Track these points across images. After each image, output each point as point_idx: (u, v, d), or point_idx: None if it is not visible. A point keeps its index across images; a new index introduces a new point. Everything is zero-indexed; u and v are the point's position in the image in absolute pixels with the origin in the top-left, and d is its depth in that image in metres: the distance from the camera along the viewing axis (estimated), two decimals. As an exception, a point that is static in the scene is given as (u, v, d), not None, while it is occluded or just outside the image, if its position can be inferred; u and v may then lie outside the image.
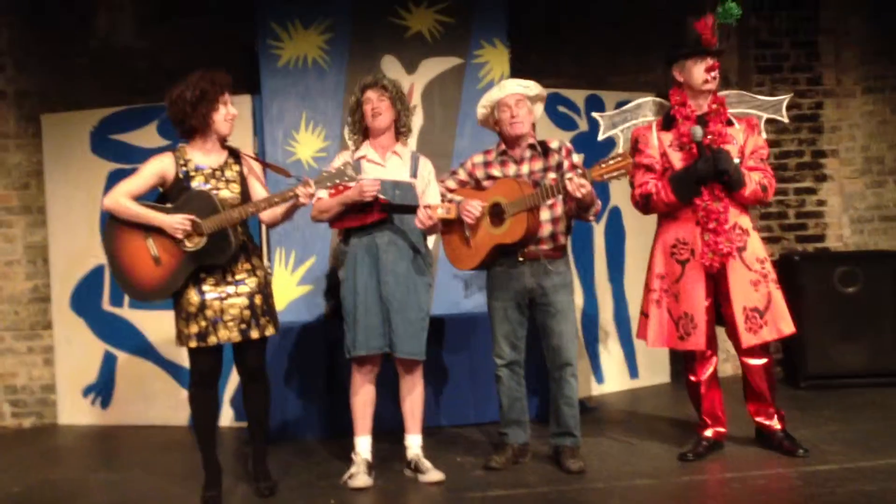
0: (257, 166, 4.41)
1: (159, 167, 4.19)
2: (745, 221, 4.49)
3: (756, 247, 4.49)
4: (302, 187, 4.08)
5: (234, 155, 4.31)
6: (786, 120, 4.83)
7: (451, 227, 4.58)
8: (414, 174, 4.54)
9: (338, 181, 4.10)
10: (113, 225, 4.17)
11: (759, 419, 4.65)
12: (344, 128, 4.77)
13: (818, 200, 6.74)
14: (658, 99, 4.90)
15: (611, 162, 4.08)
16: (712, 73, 4.44)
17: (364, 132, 4.56)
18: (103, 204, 4.18)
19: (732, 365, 6.72)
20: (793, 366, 6.34)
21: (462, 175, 4.67)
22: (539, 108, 4.66)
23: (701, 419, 4.70)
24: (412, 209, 4.38)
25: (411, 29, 6.01)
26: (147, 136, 6.05)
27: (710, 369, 4.66)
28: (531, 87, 4.56)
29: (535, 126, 4.69)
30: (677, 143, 4.48)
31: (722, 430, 4.69)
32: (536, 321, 4.59)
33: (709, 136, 4.40)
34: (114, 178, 6.07)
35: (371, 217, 4.36)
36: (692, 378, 4.68)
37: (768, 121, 4.77)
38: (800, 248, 6.68)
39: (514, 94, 4.53)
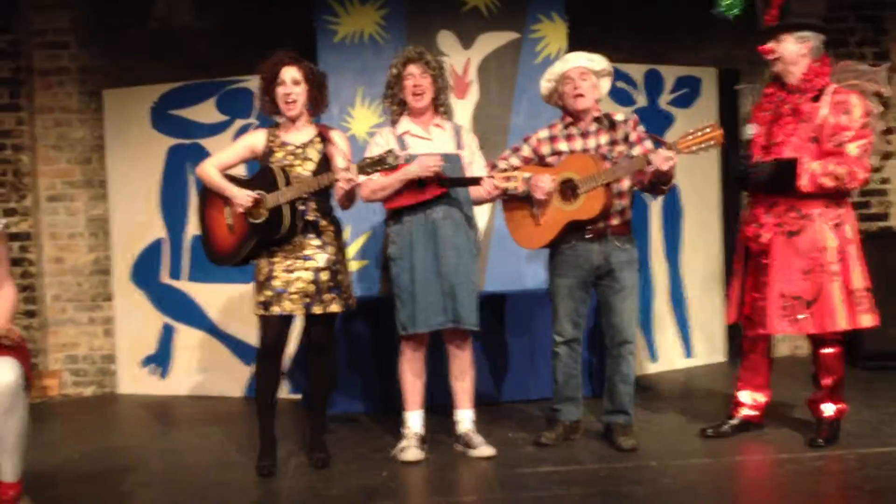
0: (345, 147, 4.42)
1: (250, 141, 4.45)
2: (809, 206, 4.23)
3: (818, 235, 4.24)
4: (344, 171, 4.13)
5: (322, 134, 4.38)
6: (887, 92, 4.37)
7: (515, 203, 4.52)
8: (459, 146, 4.49)
9: (378, 168, 4.09)
10: (206, 192, 4.46)
11: (807, 403, 4.55)
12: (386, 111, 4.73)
13: (882, 178, 6.58)
14: None
15: (698, 133, 4.01)
16: (765, 55, 4.34)
17: (402, 105, 4.49)
18: (196, 171, 4.48)
19: (790, 346, 6.64)
20: (852, 346, 6.21)
21: (526, 151, 4.58)
22: (606, 84, 4.56)
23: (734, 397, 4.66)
24: (474, 181, 4.35)
25: (468, 3, 5.96)
26: (206, 111, 6.13)
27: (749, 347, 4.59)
28: (596, 61, 4.48)
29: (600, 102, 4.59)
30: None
31: (752, 413, 4.60)
32: (599, 298, 4.55)
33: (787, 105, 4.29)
34: (173, 153, 6.19)
35: (430, 193, 4.32)
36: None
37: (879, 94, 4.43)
38: (863, 227, 6.52)
39: (577, 68, 4.45)
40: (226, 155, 4.46)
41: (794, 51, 4.29)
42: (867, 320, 4.28)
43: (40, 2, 6.39)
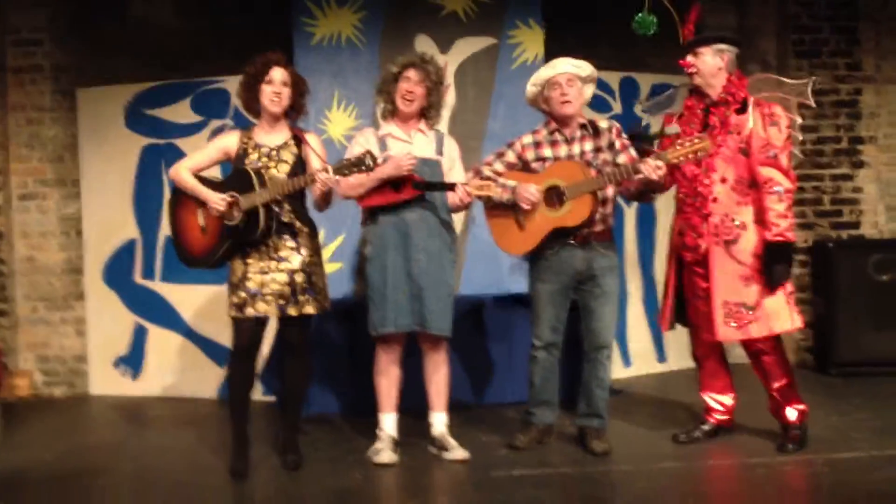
0: (319, 149, 4.40)
1: (223, 143, 4.43)
2: (743, 214, 4.32)
3: (754, 241, 4.31)
4: (322, 172, 4.11)
5: (297, 138, 4.37)
6: (812, 104, 4.53)
7: (499, 209, 4.52)
8: (440, 152, 4.51)
9: (355, 170, 4.08)
10: (177, 194, 4.43)
11: (770, 411, 4.58)
12: (376, 106, 4.70)
13: (854, 187, 6.65)
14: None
15: (687, 144, 4.05)
16: (685, 68, 4.44)
17: (393, 104, 4.50)
18: (168, 173, 4.50)
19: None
20: (824, 353, 6.29)
21: (511, 157, 4.57)
22: (589, 90, 4.58)
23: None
24: (448, 186, 4.36)
25: (446, 8, 5.98)
26: (181, 111, 6.10)
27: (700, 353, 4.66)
28: (583, 67, 4.49)
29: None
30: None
31: (722, 417, 4.65)
32: (579, 302, 4.56)
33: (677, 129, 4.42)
34: (147, 153, 6.15)
35: (404, 194, 4.33)
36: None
37: (805, 106, 4.60)
38: (834, 236, 6.60)
39: (565, 73, 4.46)
40: (199, 157, 4.44)
41: (712, 64, 4.40)
42: (798, 321, 4.40)
43: (16, 0, 6.33)
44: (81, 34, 6.40)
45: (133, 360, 6.23)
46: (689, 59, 4.42)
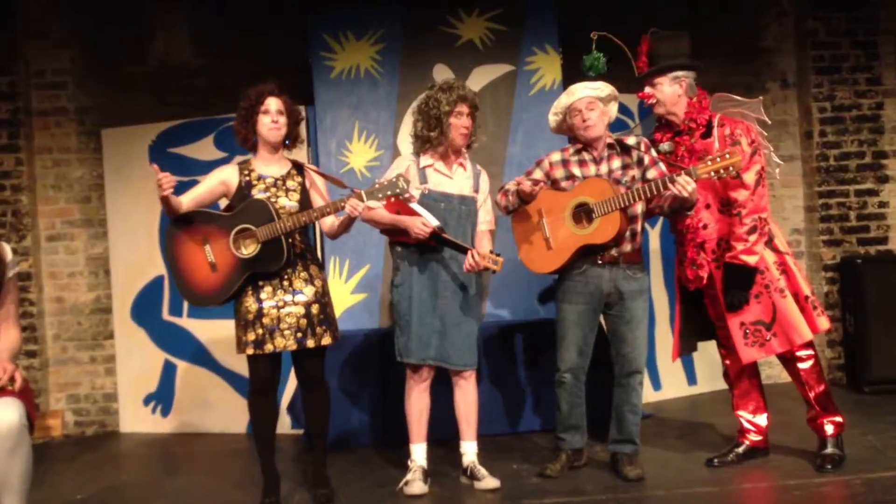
0: (320, 180, 4.43)
1: (223, 176, 4.34)
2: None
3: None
4: (353, 199, 4.10)
5: (298, 167, 4.38)
6: (767, 120, 4.47)
7: (526, 226, 4.51)
8: (476, 188, 4.53)
9: (389, 193, 4.07)
10: (174, 230, 4.29)
11: (808, 423, 4.54)
12: (397, 136, 4.75)
13: (880, 202, 6.60)
14: None
15: (718, 159, 4.02)
16: (644, 100, 4.47)
17: (437, 140, 4.42)
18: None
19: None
20: (856, 370, 6.21)
21: (538, 174, 4.55)
22: (613, 108, 4.55)
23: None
24: (462, 249, 4.32)
25: (462, 37, 6.02)
26: (204, 148, 6.15)
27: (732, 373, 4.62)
28: (601, 88, 4.47)
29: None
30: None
31: (756, 438, 4.61)
32: (609, 327, 4.53)
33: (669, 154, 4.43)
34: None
35: (423, 242, 4.34)
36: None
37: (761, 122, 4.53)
38: (862, 251, 6.54)
39: (584, 98, 4.45)
40: (199, 191, 4.32)
41: (671, 92, 4.43)
42: (824, 323, 4.36)
43: (38, 43, 6.44)
44: (104, 75, 6.49)
45: (163, 397, 6.26)
46: (648, 90, 4.44)
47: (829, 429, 4.41)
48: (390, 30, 6.00)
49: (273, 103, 4.29)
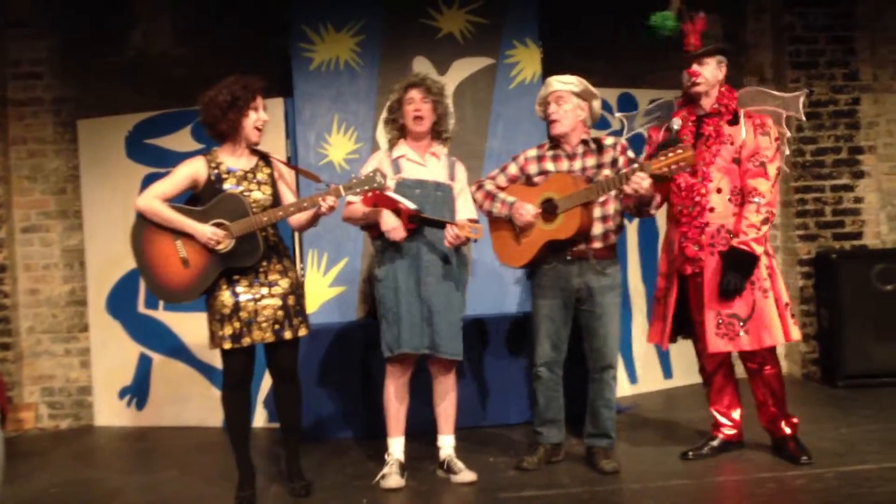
0: (286, 170, 4.41)
1: (192, 170, 4.22)
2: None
3: None
4: (329, 196, 4.08)
5: (265, 158, 4.33)
6: (803, 118, 4.53)
7: (500, 223, 4.54)
8: (451, 177, 4.53)
9: (367, 188, 4.07)
10: (142, 226, 4.19)
11: (764, 425, 4.58)
12: (376, 129, 4.77)
13: (855, 197, 6.64)
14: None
15: (670, 154, 4.01)
16: (692, 78, 4.40)
17: (401, 130, 4.52)
18: (136, 205, 4.19)
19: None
20: (830, 365, 6.26)
21: (513, 170, 4.59)
22: (595, 105, 4.54)
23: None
24: (440, 224, 4.32)
25: (442, 30, 6.01)
26: (181, 140, 6.11)
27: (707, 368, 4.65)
28: (573, 84, 4.47)
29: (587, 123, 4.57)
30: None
31: (730, 432, 4.64)
32: (580, 321, 4.54)
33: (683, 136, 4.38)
34: (149, 182, 6.09)
35: (404, 227, 4.32)
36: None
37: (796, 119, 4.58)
38: (837, 246, 6.58)
39: (554, 92, 4.47)
40: (167, 186, 4.19)
41: (714, 74, 4.42)
42: (796, 333, 4.37)
43: (15, 32, 6.38)
44: (81, 66, 6.43)
45: (138, 390, 6.22)
46: (696, 67, 4.41)
47: (788, 430, 4.47)
48: (370, 22, 5.98)
49: (261, 102, 4.22)
